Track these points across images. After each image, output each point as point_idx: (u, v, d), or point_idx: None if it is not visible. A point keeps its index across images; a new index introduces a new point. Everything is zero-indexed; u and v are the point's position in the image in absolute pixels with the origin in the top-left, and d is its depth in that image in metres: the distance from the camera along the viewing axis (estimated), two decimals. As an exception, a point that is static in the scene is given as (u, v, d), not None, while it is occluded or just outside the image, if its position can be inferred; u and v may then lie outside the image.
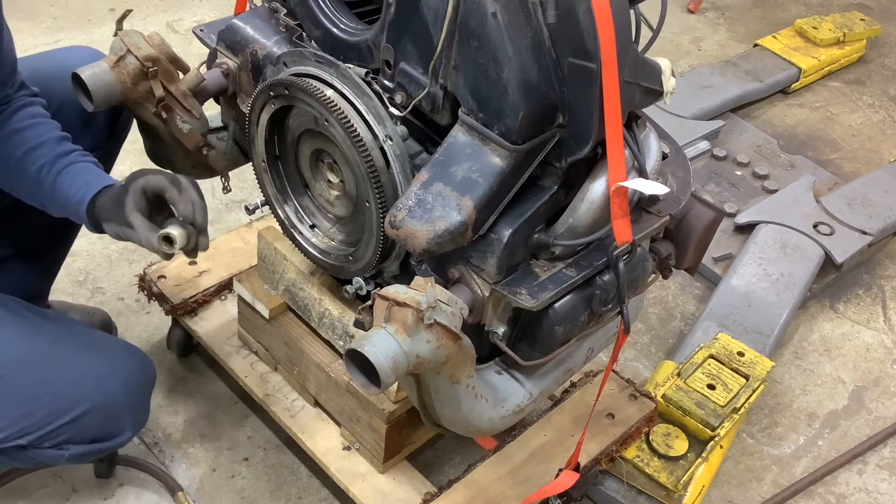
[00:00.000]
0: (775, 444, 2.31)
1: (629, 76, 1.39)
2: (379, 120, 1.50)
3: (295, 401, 2.00)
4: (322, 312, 1.85)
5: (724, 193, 3.05)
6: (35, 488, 1.97)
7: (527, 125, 1.38)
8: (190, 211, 1.57)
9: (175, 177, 1.60)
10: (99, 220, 1.61)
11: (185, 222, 1.57)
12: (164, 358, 2.26)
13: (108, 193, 1.60)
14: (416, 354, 1.33)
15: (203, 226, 1.60)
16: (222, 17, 1.90)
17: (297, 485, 2.05)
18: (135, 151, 2.06)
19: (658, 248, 1.71)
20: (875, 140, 3.52)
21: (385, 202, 1.52)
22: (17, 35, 1.66)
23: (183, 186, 1.59)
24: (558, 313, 1.51)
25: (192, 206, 1.58)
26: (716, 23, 4.16)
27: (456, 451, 2.12)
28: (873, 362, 2.58)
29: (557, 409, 2.03)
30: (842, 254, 2.73)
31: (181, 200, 1.58)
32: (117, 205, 1.58)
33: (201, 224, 1.59)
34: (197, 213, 1.58)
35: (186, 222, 1.57)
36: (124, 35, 1.64)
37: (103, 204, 1.60)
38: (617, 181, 1.41)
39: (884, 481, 2.26)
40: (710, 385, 2.15)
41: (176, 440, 2.10)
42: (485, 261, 1.48)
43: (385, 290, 1.35)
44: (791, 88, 3.69)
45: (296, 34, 1.68)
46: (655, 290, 2.67)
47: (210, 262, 2.21)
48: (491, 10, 1.33)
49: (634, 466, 2.00)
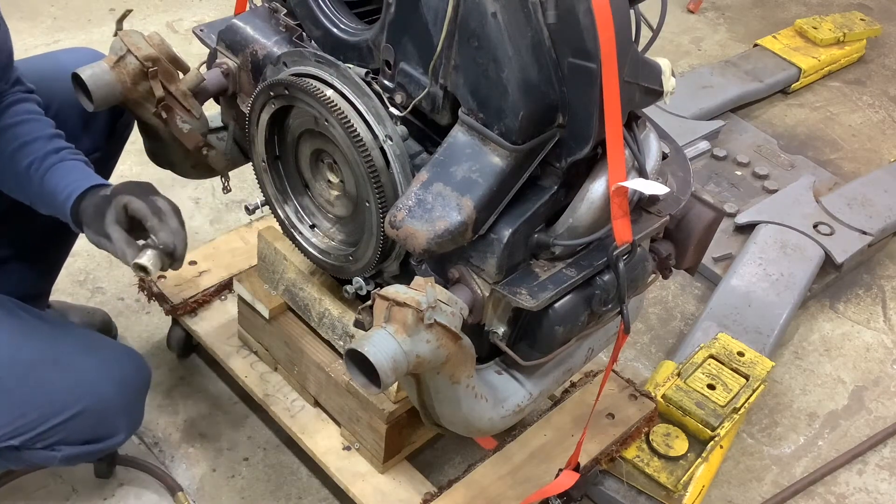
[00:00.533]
0: (775, 444, 2.31)
1: (629, 76, 1.39)
2: (379, 120, 1.50)
3: (295, 401, 2.00)
4: (322, 312, 1.85)
5: (724, 193, 3.05)
6: (34, 488, 1.97)
7: (527, 125, 1.38)
8: (171, 241, 1.55)
9: (156, 206, 1.57)
10: (81, 222, 1.61)
11: (164, 251, 1.55)
12: (164, 358, 2.26)
13: (92, 199, 1.58)
14: (416, 354, 1.33)
15: (181, 255, 1.58)
16: (222, 17, 1.90)
17: (297, 485, 2.05)
18: (135, 151, 2.06)
19: (658, 248, 1.71)
20: (875, 140, 3.52)
21: (385, 202, 1.52)
22: (17, 35, 1.66)
23: (164, 215, 1.56)
24: (558, 313, 1.51)
25: (172, 237, 1.55)
26: (716, 23, 4.16)
27: (456, 451, 2.12)
28: (873, 362, 2.58)
29: (557, 409, 2.03)
30: (842, 254, 2.73)
31: (161, 229, 1.55)
32: (98, 213, 1.56)
33: (180, 255, 1.57)
34: (178, 244, 1.56)
35: (166, 251, 1.55)
36: (124, 35, 1.64)
37: (86, 208, 1.58)
38: (617, 181, 1.41)
39: (884, 481, 2.26)
40: (710, 385, 2.15)
41: (176, 440, 2.10)
42: (485, 261, 1.48)
43: (385, 290, 1.35)
44: (791, 88, 3.69)
45: (296, 34, 1.68)
46: (655, 290, 2.67)
47: (210, 262, 2.21)
48: (491, 10, 1.33)
49: (634, 466, 2.00)
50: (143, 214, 1.55)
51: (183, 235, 1.58)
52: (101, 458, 1.94)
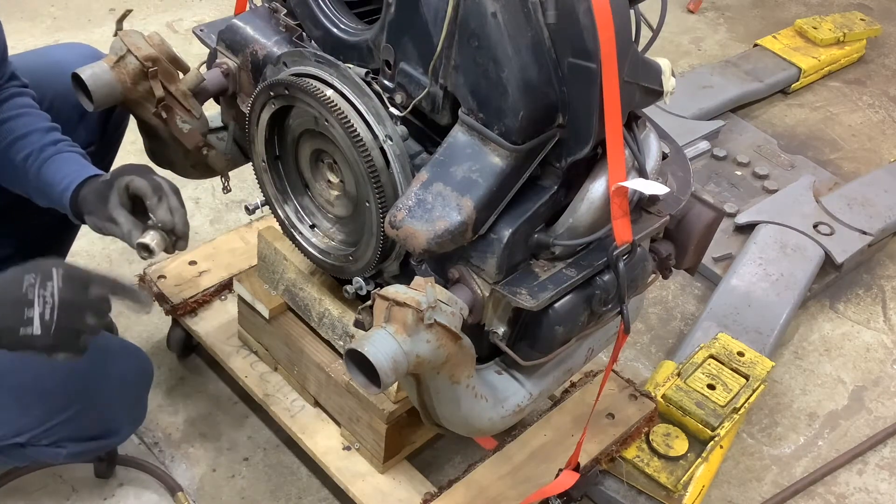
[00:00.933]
0: (775, 444, 2.31)
1: (629, 76, 1.39)
2: (379, 120, 1.50)
3: (295, 401, 2.00)
4: (322, 312, 1.85)
5: (724, 193, 3.05)
6: (35, 488, 1.97)
7: (527, 125, 1.38)
8: (169, 219, 1.57)
9: (158, 183, 1.59)
10: (81, 211, 1.61)
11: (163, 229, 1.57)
12: (164, 358, 2.26)
13: (93, 186, 1.60)
14: (416, 354, 1.33)
15: (183, 232, 1.59)
16: (222, 17, 1.90)
17: (297, 485, 2.05)
18: (135, 151, 2.06)
19: (658, 248, 1.71)
20: (875, 140, 3.52)
21: (385, 202, 1.52)
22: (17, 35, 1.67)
23: (164, 193, 1.58)
24: (558, 313, 1.51)
25: (171, 214, 1.57)
26: (716, 23, 4.16)
27: (456, 451, 2.12)
28: (873, 362, 2.58)
29: (557, 409, 2.03)
30: (842, 254, 2.73)
31: (159, 208, 1.57)
32: (101, 199, 1.58)
33: (181, 231, 1.59)
34: (177, 221, 1.58)
35: (165, 229, 1.57)
36: (124, 35, 1.64)
37: (86, 196, 1.60)
38: (617, 181, 1.42)
39: (884, 481, 2.26)
40: (710, 385, 2.15)
41: (176, 440, 2.10)
42: (485, 261, 1.48)
43: (385, 290, 1.35)
44: (791, 88, 3.69)
45: (296, 34, 1.68)
46: (655, 290, 2.67)
47: (210, 262, 2.21)
48: (491, 10, 1.33)
49: (634, 466, 2.00)
50: (143, 192, 1.57)
51: (182, 213, 1.59)
52: (101, 458, 1.94)
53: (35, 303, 1.36)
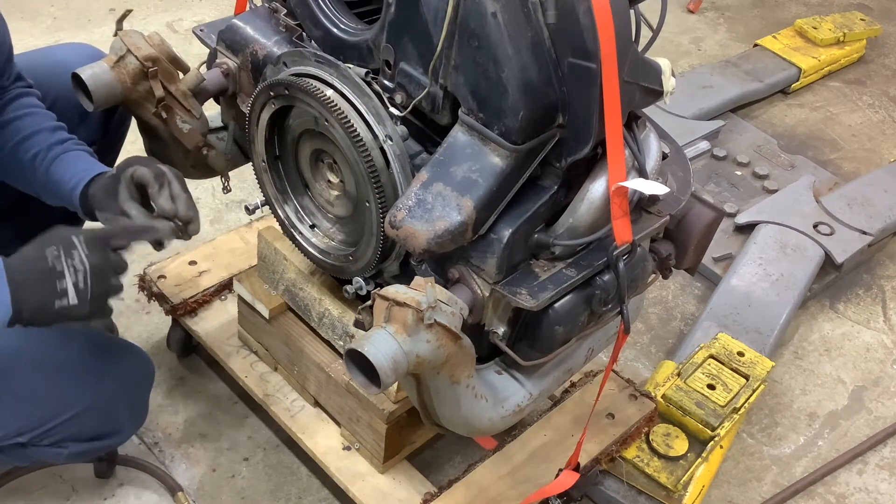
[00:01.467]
0: (775, 444, 2.31)
1: (629, 76, 1.39)
2: (379, 120, 1.50)
3: (295, 401, 2.00)
4: (322, 312, 1.85)
5: (724, 193, 3.05)
6: (35, 488, 1.97)
7: (527, 125, 1.38)
8: (170, 206, 1.58)
9: (160, 171, 1.60)
10: (92, 208, 1.62)
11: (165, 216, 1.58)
12: (164, 358, 2.26)
13: (101, 182, 1.61)
14: (416, 354, 1.33)
15: (188, 217, 1.60)
16: (222, 17, 1.90)
17: (297, 485, 2.05)
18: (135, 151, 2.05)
19: (658, 248, 1.71)
20: (875, 140, 3.52)
21: (385, 202, 1.52)
22: (17, 35, 1.67)
23: (166, 180, 1.59)
24: (558, 313, 1.51)
25: (172, 201, 1.58)
26: (716, 23, 4.16)
27: (456, 451, 2.12)
28: (873, 362, 2.58)
29: (557, 409, 2.03)
30: (842, 254, 2.73)
31: (161, 196, 1.58)
32: (110, 194, 1.58)
33: (185, 216, 1.59)
34: (179, 207, 1.58)
35: (167, 217, 1.58)
36: (124, 35, 1.64)
37: (96, 193, 1.61)
38: (617, 181, 1.42)
39: (884, 481, 2.26)
40: (710, 385, 2.15)
41: (176, 440, 2.10)
42: (485, 261, 1.48)
43: (385, 290, 1.35)
44: (791, 88, 3.69)
45: (296, 34, 1.68)
46: (655, 290, 2.67)
47: (210, 262, 2.21)
48: (491, 10, 1.33)
49: (634, 466, 2.00)
50: (146, 180, 1.58)
51: (184, 198, 1.60)
52: (102, 458, 1.94)
53: (66, 273, 1.36)
